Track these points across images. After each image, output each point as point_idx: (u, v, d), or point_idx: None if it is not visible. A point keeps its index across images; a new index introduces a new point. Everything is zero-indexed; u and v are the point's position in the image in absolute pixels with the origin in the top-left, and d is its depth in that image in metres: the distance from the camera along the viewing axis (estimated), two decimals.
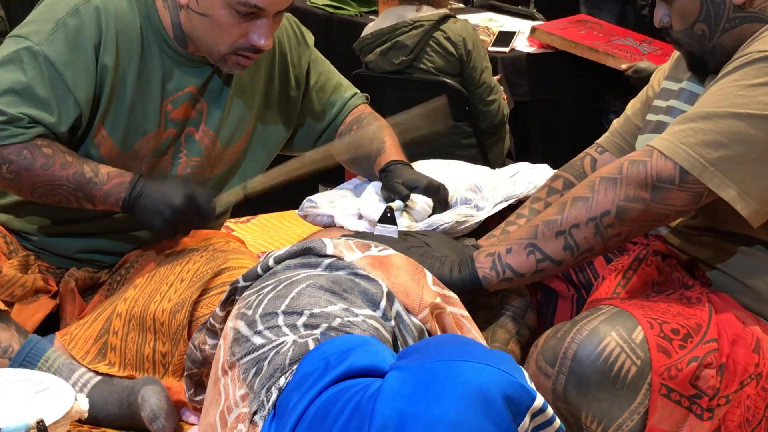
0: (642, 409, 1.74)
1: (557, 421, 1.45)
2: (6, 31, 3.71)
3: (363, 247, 1.81)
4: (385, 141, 2.38)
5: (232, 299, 1.86)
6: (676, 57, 2.11)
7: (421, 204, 2.14)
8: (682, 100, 2.03)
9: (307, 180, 2.39)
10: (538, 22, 4.54)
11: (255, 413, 1.57)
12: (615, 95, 4.21)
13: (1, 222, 2.35)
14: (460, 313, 1.78)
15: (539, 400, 1.42)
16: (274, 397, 1.55)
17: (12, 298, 2.24)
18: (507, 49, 4.20)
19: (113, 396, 2.10)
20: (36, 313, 2.27)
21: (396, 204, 2.13)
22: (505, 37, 4.27)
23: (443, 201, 2.21)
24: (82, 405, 1.91)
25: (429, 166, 2.38)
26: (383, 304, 1.70)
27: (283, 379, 1.56)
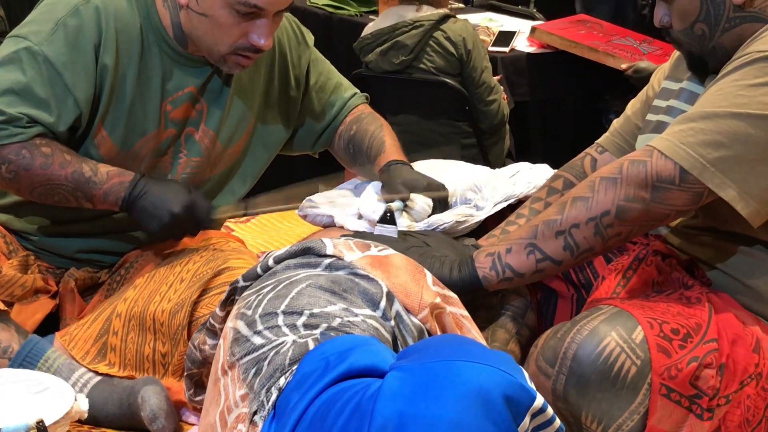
0: (642, 409, 1.74)
1: (557, 421, 1.45)
2: (6, 31, 3.70)
3: (363, 247, 1.81)
4: (385, 141, 2.38)
5: (231, 299, 1.85)
6: (676, 57, 2.11)
7: (421, 204, 2.14)
8: (682, 100, 2.03)
9: (308, 180, 2.39)
10: (538, 21, 4.53)
11: (255, 413, 1.57)
12: (615, 95, 4.20)
13: (1, 222, 2.35)
14: (460, 313, 1.78)
15: (539, 400, 1.42)
16: (274, 397, 1.55)
17: (12, 298, 2.24)
18: (507, 49, 4.19)
19: (113, 396, 2.10)
20: (36, 313, 2.27)
21: (396, 204, 2.13)
22: (505, 37, 4.27)
23: (443, 201, 2.20)
24: (82, 405, 1.91)
25: (429, 166, 2.38)
26: (383, 304, 1.70)
27: (283, 379, 1.55)
